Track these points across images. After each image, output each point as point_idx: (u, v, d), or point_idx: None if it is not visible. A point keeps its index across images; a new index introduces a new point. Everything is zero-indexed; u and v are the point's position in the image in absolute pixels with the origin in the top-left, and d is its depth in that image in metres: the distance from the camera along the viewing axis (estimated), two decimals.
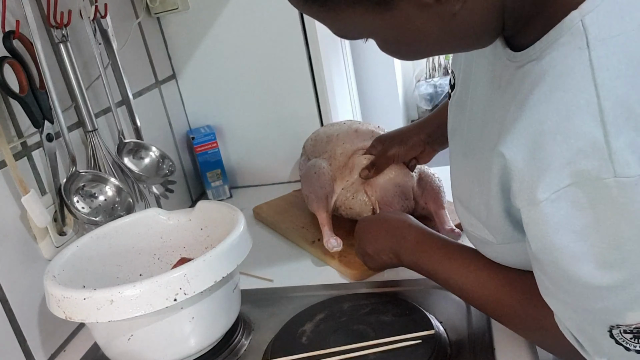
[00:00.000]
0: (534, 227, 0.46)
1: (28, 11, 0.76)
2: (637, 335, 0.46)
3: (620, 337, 0.47)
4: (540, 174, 0.44)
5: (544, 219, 0.45)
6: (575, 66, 0.43)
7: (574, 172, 0.42)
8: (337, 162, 0.98)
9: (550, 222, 0.45)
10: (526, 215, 0.47)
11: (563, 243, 0.45)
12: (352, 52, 1.78)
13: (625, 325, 0.46)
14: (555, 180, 0.43)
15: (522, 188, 0.46)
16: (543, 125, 0.44)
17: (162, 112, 1.24)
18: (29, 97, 0.77)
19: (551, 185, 0.43)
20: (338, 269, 0.90)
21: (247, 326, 0.80)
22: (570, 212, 0.43)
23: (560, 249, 0.45)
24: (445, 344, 0.68)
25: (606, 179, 0.41)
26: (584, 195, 0.42)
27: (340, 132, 1.03)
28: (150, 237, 0.84)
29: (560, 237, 0.45)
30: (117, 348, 0.69)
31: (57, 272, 0.69)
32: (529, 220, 0.47)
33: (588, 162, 0.42)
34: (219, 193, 1.31)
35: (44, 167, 0.84)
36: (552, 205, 0.44)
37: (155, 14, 1.21)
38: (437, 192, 0.95)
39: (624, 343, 0.47)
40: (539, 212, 0.45)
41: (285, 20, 1.19)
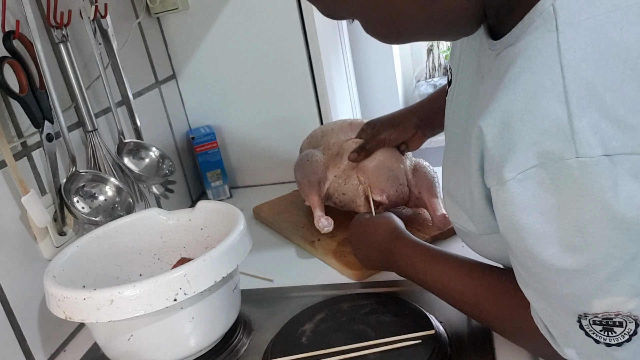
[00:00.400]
0: (501, 207, 0.47)
1: (28, 11, 0.76)
2: (607, 327, 0.47)
3: (590, 328, 0.47)
4: (508, 153, 0.45)
5: (511, 198, 0.45)
6: (544, 48, 0.44)
7: (540, 152, 0.43)
8: (330, 151, 1.00)
9: (516, 202, 0.45)
10: (495, 195, 0.47)
11: (529, 223, 0.45)
12: (352, 52, 1.78)
13: (592, 314, 0.46)
14: (522, 161, 0.44)
15: (492, 168, 0.47)
16: (511, 105, 0.45)
17: (162, 112, 1.24)
18: (29, 97, 0.77)
19: (517, 166, 0.44)
20: (338, 269, 0.90)
21: (247, 326, 0.80)
22: (537, 192, 0.44)
23: (526, 228, 0.45)
24: (445, 344, 0.68)
25: (568, 159, 0.42)
26: (549, 176, 0.43)
27: (335, 127, 1.06)
28: (150, 237, 0.84)
29: (526, 217, 0.45)
30: (117, 348, 0.69)
31: (57, 272, 0.69)
32: (497, 200, 0.47)
33: (552, 143, 0.42)
34: (219, 193, 1.31)
35: (44, 167, 0.84)
36: (519, 185, 0.44)
37: (155, 14, 1.21)
38: (431, 182, 0.95)
39: (593, 335, 0.48)
40: (506, 192, 0.45)
41: (285, 20, 1.19)
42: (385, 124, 0.95)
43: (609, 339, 0.47)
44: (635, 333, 0.46)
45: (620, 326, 0.46)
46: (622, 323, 0.46)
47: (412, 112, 0.95)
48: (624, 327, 0.46)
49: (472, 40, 0.59)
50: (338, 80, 1.43)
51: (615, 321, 0.46)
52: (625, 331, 0.46)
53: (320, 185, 0.96)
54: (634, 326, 0.46)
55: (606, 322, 0.46)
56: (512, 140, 0.44)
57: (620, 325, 0.46)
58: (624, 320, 0.46)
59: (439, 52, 2.93)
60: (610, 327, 0.47)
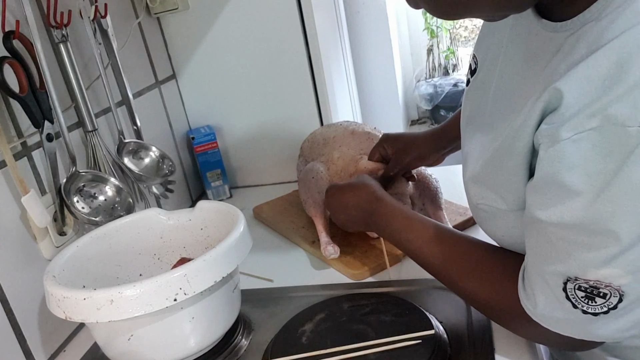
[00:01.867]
0: (547, 164, 0.48)
1: (28, 11, 0.76)
2: (590, 296, 0.48)
3: (572, 293, 0.49)
4: (575, 113, 0.45)
5: (561, 157, 0.46)
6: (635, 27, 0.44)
7: (604, 116, 0.43)
8: (335, 166, 0.97)
9: (565, 160, 0.46)
10: (543, 153, 0.48)
11: (572, 181, 0.46)
12: (352, 52, 1.78)
13: (583, 280, 0.48)
14: (583, 122, 0.45)
15: (551, 127, 0.47)
16: (597, 70, 0.45)
17: (162, 112, 1.24)
18: (29, 97, 0.77)
19: (577, 126, 0.45)
20: (338, 268, 0.90)
21: (247, 326, 0.80)
22: (589, 154, 0.45)
23: (566, 186, 0.46)
24: (445, 344, 0.68)
25: (630, 127, 0.42)
26: (605, 139, 0.44)
27: (337, 135, 1.03)
28: (150, 237, 0.84)
29: (570, 176, 0.46)
30: (117, 348, 0.69)
31: (57, 272, 0.69)
32: (545, 157, 0.48)
33: (619, 108, 0.43)
34: (219, 193, 1.31)
35: (44, 167, 0.84)
36: (573, 145, 0.45)
37: (155, 14, 1.21)
38: (434, 193, 0.95)
39: (572, 299, 0.49)
40: (558, 150, 0.46)
41: (285, 20, 1.19)
42: (408, 148, 0.93)
43: (588, 307, 0.48)
44: (615, 307, 0.47)
45: (603, 297, 0.47)
46: (607, 295, 0.47)
47: (434, 138, 0.94)
48: (607, 299, 0.47)
49: (516, 28, 0.59)
50: (338, 80, 1.43)
51: (601, 291, 0.47)
52: (606, 303, 0.47)
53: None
54: (616, 301, 0.47)
55: (591, 290, 0.48)
56: (585, 102, 0.45)
57: (603, 297, 0.47)
58: (609, 292, 0.47)
59: (439, 52, 2.93)
60: (592, 297, 0.48)
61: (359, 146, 0.98)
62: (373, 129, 1.04)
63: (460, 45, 3.05)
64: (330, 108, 1.27)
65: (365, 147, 0.98)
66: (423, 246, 0.69)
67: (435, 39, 2.86)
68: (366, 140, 0.99)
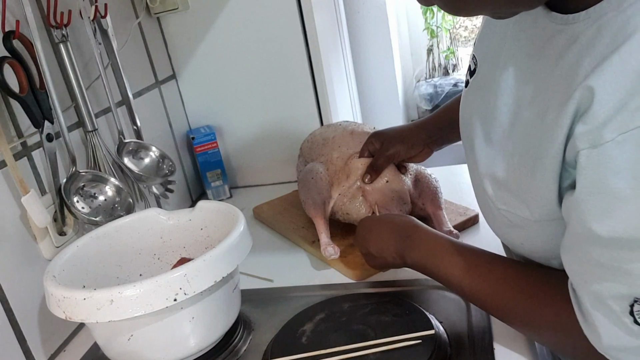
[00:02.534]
0: (591, 171, 0.45)
1: (28, 11, 0.76)
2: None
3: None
4: (614, 113, 0.43)
5: (606, 161, 0.44)
6: None
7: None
8: (334, 166, 0.97)
9: (611, 164, 0.43)
10: (585, 159, 0.45)
11: (619, 187, 0.43)
12: (352, 52, 1.78)
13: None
14: (627, 121, 0.42)
15: (589, 129, 0.45)
16: (630, 64, 0.43)
17: (162, 112, 1.24)
18: (29, 97, 0.77)
19: (621, 126, 0.43)
20: (338, 268, 0.90)
21: (247, 326, 0.80)
22: (635, 156, 0.42)
23: (615, 193, 0.44)
24: (445, 344, 0.68)
25: None
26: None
27: (336, 135, 1.03)
28: (150, 237, 0.84)
29: (617, 181, 0.43)
30: (117, 348, 0.69)
31: (57, 272, 0.69)
32: (588, 164, 0.45)
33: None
34: (219, 193, 1.31)
35: (44, 167, 0.84)
36: (617, 147, 0.43)
37: (155, 14, 1.21)
38: (434, 193, 0.95)
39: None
40: (602, 154, 0.44)
41: (285, 20, 1.19)
42: (394, 139, 0.93)
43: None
44: None
45: None
46: None
47: (420, 128, 0.94)
48: None
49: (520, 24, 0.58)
50: (338, 80, 1.43)
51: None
52: None
53: (325, 205, 0.94)
54: None
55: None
56: (621, 98, 0.43)
57: None
58: None
59: (439, 52, 2.93)
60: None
61: (359, 146, 0.98)
62: (372, 128, 1.04)
63: (460, 45, 3.04)
64: (330, 108, 1.27)
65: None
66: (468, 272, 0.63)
67: (435, 39, 2.86)
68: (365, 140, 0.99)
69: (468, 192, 0.91)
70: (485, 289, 0.62)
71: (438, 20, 2.80)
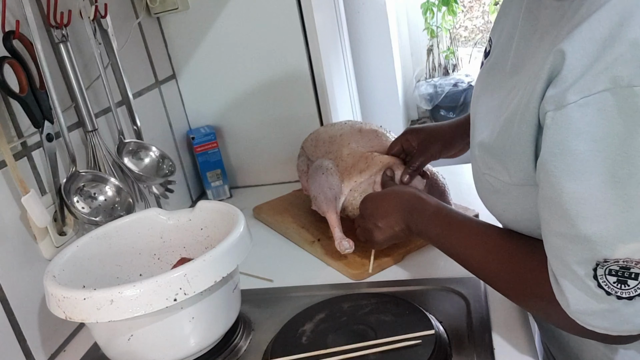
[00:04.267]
0: (554, 132, 0.47)
1: (28, 11, 0.76)
2: (622, 279, 0.47)
3: (604, 279, 0.48)
4: (580, 76, 0.45)
5: (567, 123, 0.45)
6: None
7: (610, 77, 0.43)
8: (344, 162, 0.97)
9: (572, 126, 0.45)
10: (550, 120, 0.47)
11: (579, 149, 0.45)
12: (352, 52, 1.79)
13: (613, 260, 0.46)
14: (589, 84, 0.44)
15: (557, 92, 0.46)
16: (598, 30, 0.45)
17: (162, 112, 1.24)
18: (29, 97, 0.77)
19: (584, 89, 0.44)
20: (338, 268, 0.90)
21: (247, 326, 0.80)
22: (595, 119, 0.44)
23: (574, 155, 0.45)
24: (445, 344, 0.68)
25: (636, 86, 0.42)
26: (613, 102, 0.43)
27: (344, 133, 1.02)
28: (150, 237, 0.84)
29: (577, 144, 0.45)
30: (117, 348, 0.69)
31: (57, 272, 0.69)
32: (552, 125, 0.47)
33: (625, 69, 0.43)
34: (219, 193, 1.31)
35: (44, 167, 0.84)
36: (579, 109, 0.44)
37: (155, 14, 1.21)
38: (442, 190, 0.95)
39: (605, 287, 0.48)
40: (565, 115, 0.45)
41: (285, 20, 1.19)
42: (432, 137, 0.92)
43: (621, 291, 0.47)
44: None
45: (635, 279, 0.46)
46: (638, 276, 0.46)
47: (458, 126, 0.94)
48: (639, 279, 0.46)
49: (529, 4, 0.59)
50: (338, 80, 1.43)
51: (632, 272, 0.46)
52: (639, 285, 0.47)
53: (337, 200, 0.94)
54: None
55: (622, 272, 0.47)
56: (587, 63, 0.44)
57: (635, 278, 0.46)
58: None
59: (439, 52, 2.93)
60: (624, 280, 0.47)
61: (369, 143, 0.98)
62: (379, 127, 1.04)
63: (460, 45, 3.04)
64: (330, 108, 1.27)
65: (374, 144, 0.98)
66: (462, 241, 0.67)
67: (435, 39, 2.86)
68: (375, 138, 0.99)
69: (468, 192, 0.91)
70: (477, 257, 0.65)
71: (438, 20, 2.80)
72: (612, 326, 0.50)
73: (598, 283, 0.48)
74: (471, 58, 2.83)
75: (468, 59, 2.87)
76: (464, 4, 2.83)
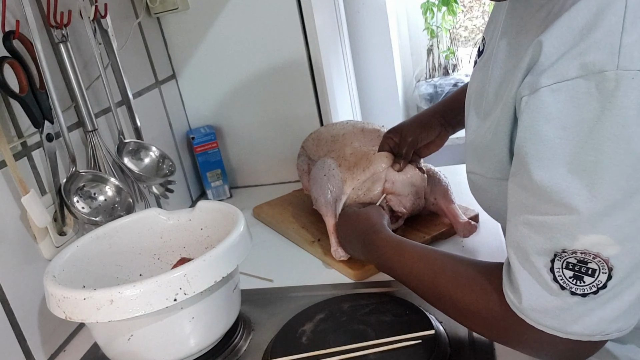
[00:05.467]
0: (527, 116, 0.48)
1: (28, 11, 0.76)
2: (578, 275, 0.47)
3: (560, 273, 0.48)
4: (554, 61, 0.46)
5: (539, 107, 0.46)
6: None
7: (582, 64, 0.44)
8: (347, 162, 0.96)
9: (543, 111, 0.46)
10: (524, 104, 0.48)
11: (549, 136, 0.46)
12: (352, 52, 1.78)
13: (571, 251, 0.47)
14: (563, 70, 0.45)
15: (532, 78, 0.47)
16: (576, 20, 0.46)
17: (162, 112, 1.24)
18: (29, 97, 0.77)
19: (557, 74, 0.45)
20: (338, 268, 0.90)
21: (247, 326, 0.80)
22: (566, 106, 0.45)
23: (544, 141, 0.46)
24: (445, 344, 0.68)
25: (608, 71, 0.43)
26: (585, 89, 0.44)
27: (346, 132, 1.02)
28: (150, 237, 0.84)
29: (547, 129, 0.46)
30: (117, 348, 0.69)
31: (57, 272, 0.69)
32: (525, 109, 0.48)
33: (597, 55, 0.43)
34: (219, 193, 1.31)
35: (44, 167, 0.84)
36: (552, 94, 0.45)
37: (155, 14, 1.21)
38: (445, 188, 0.96)
39: (560, 281, 0.48)
40: (537, 99, 0.46)
41: (285, 20, 1.19)
42: (411, 126, 0.94)
43: (576, 287, 0.47)
44: (605, 286, 0.47)
45: (592, 276, 0.47)
46: (595, 272, 0.46)
47: (435, 112, 0.95)
48: (595, 277, 0.47)
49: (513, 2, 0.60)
50: (338, 80, 1.43)
51: (589, 268, 0.46)
52: (595, 282, 0.47)
53: (337, 204, 0.94)
54: (605, 278, 0.46)
55: (579, 267, 0.47)
56: (563, 50, 0.45)
57: (591, 275, 0.47)
58: (598, 267, 0.46)
59: (439, 52, 2.93)
60: (581, 275, 0.47)
61: (371, 143, 0.98)
62: (381, 127, 1.04)
63: (460, 45, 3.04)
64: (330, 108, 1.27)
65: (377, 144, 0.98)
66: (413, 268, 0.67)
67: (435, 39, 2.86)
68: (377, 137, 0.99)
69: (468, 192, 0.91)
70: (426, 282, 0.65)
71: (438, 20, 2.80)
72: (561, 326, 0.49)
73: (554, 276, 0.48)
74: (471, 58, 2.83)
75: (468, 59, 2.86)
76: (464, 4, 2.83)
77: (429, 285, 0.64)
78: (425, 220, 0.97)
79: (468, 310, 0.59)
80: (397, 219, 0.94)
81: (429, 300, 0.66)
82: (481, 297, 0.57)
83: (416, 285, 0.67)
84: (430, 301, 0.66)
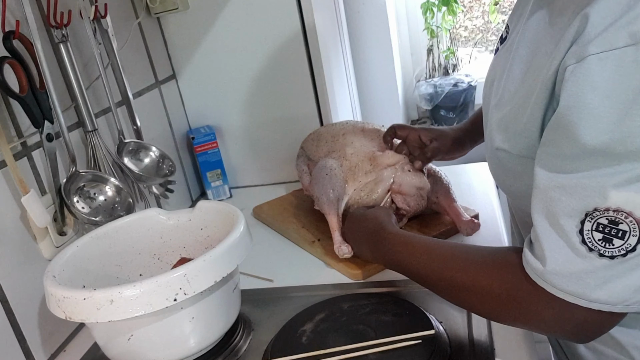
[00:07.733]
0: (572, 84, 0.47)
1: (28, 11, 0.76)
2: (607, 237, 0.47)
3: (589, 235, 0.47)
4: (602, 30, 0.45)
5: (585, 75, 0.46)
6: None
7: (631, 32, 0.44)
8: (348, 162, 0.96)
9: (589, 79, 0.46)
10: (569, 74, 0.47)
11: (593, 104, 0.46)
12: (352, 52, 1.78)
13: (603, 210, 0.46)
14: (611, 38, 0.45)
15: (579, 48, 0.47)
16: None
17: (162, 112, 1.24)
18: (29, 97, 0.77)
19: (605, 43, 0.45)
20: (338, 269, 0.90)
21: (247, 326, 0.80)
22: (612, 76, 0.45)
23: (588, 108, 0.46)
24: (445, 344, 0.68)
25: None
26: (632, 58, 0.44)
27: (346, 132, 1.02)
28: (150, 237, 0.84)
29: (592, 97, 0.46)
30: (117, 348, 0.69)
31: (57, 272, 0.69)
32: (570, 77, 0.47)
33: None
34: (219, 193, 1.31)
35: (44, 167, 0.84)
36: (599, 63, 0.45)
37: (155, 14, 1.21)
38: (447, 187, 0.96)
39: (589, 243, 0.47)
40: (584, 68, 0.46)
41: (285, 20, 1.19)
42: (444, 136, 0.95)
43: (604, 249, 0.47)
44: (634, 249, 0.46)
45: (622, 238, 0.46)
46: (625, 234, 0.46)
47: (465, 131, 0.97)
48: (625, 240, 0.46)
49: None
50: (338, 80, 1.43)
51: (620, 230, 0.46)
52: (624, 245, 0.46)
53: (339, 202, 0.94)
54: (635, 241, 0.46)
55: (609, 229, 0.46)
56: (610, 21, 0.45)
57: (621, 238, 0.46)
58: (629, 229, 0.46)
59: (439, 52, 2.93)
60: (610, 238, 0.47)
61: (372, 142, 0.98)
62: (381, 126, 1.04)
63: (460, 45, 3.04)
64: (330, 108, 1.27)
65: (377, 143, 0.98)
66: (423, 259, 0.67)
67: (435, 39, 2.86)
68: (377, 137, 0.99)
69: (468, 192, 0.91)
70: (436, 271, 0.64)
71: (438, 20, 2.80)
72: (584, 291, 0.49)
73: (582, 238, 0.48)
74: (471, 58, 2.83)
75: (468, 59, 2.86)
76: (464, 4, 2.83)
77: (440, 274, 0.64)
78: (427, 219, 0.97)
79: (481, 292, 0.58)
80: (401, 217, 0.94)
81: (440, 292, 0.65)
82: (495, 274, 0.57)
83: (426, 276, 0.66)
84: (441, 292, 0.65)
